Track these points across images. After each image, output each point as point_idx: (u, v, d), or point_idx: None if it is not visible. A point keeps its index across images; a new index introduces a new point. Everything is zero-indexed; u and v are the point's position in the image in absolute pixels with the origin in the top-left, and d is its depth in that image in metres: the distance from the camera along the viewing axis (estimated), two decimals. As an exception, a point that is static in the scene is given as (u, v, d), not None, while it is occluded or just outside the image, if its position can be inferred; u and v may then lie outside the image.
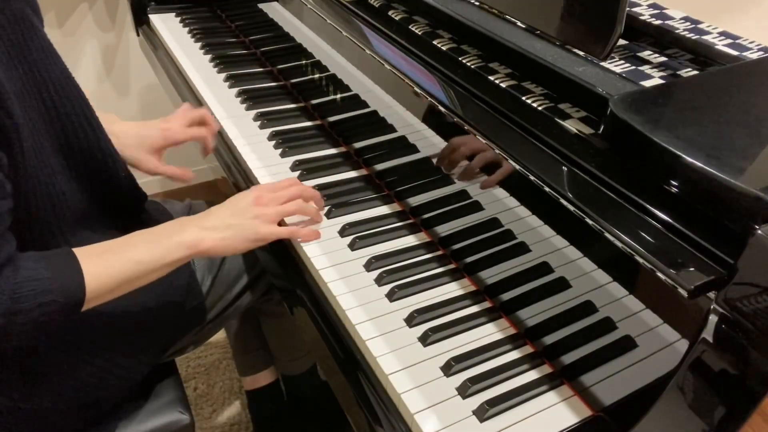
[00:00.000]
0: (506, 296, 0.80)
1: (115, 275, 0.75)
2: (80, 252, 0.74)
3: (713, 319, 0.53)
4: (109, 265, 0.75)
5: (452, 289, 0.84)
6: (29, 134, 0.75)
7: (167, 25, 1.55)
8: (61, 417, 0.87)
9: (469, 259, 0.86)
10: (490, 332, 0.78)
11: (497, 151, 0.75)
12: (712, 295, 0.54)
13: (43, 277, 0.69)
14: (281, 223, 0.91)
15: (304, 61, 1.27)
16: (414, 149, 0.96)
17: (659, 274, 0.56)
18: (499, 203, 0.81)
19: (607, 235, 0.61)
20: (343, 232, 0.92)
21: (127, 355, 0.91)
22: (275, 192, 0.90)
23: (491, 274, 0.82)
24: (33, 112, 0.77)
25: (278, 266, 0.95)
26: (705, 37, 0.83)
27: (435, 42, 0.93)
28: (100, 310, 0.86)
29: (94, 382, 0.87)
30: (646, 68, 0.79)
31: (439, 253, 0.89)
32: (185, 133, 1.07)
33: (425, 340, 0.76)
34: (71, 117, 0.85)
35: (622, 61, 0.80)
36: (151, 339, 0.94)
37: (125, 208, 0.95)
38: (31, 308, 0.67)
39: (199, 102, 1.29)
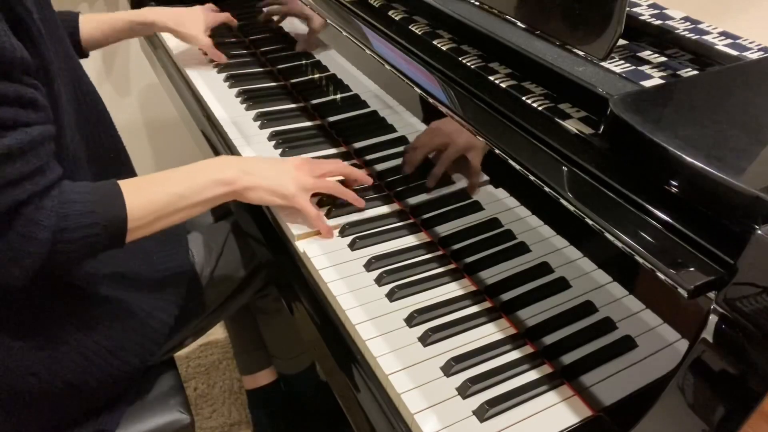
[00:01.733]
0: (506, 296, 0.80)
1: (157, 205, 0.80)
2: (123, 183, 0.79)
3: (713, 319, 0.53)
4: (151, 195, 0.80)
5: (452, 289, 0.84)
6: (61, 93, 0.80)
7: (167, 25, 1.55)
8: (62, 400, 0.87)
9: (469, 259, 0.86)
10: (490, 332, 0.78)
11: (497, 151, 0.75)
12: (712, 295, 0.54)
13: (88, 200, 0.75)
14: None
15: (304, 61, 1.27)
16: (414, 149, 0.96)
17: (659, 274, 0.56)
18: (499, 203, 0.81)
19: (607, 235, 0.61)
20: (343, 232, 0.92)
21: (130, 342, 0.91)
22: (318, 164, 0.94)
23: (491, 274, 0.82)
24: (64, 76, 0.83)
25: (278, 266, 0.95)
26: (705, 37, 0.82)
27: (435, 42, 0.93)
28: (101, 296, 0.88)
29: (98, 363, 0.88)
30: (646, 68, 0.79)
31: (439, 253, 0.89)
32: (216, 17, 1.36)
33: (425, 340, 0.76)
34: (89, 96, 0.93)
35: (622, 61, 0.80)
36: (153, 328, 0.94)
37: None
38: (76, 227, 0.73)
39: (198, 102, 1.29)
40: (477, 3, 0.95)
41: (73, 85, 0.89)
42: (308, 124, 1.20)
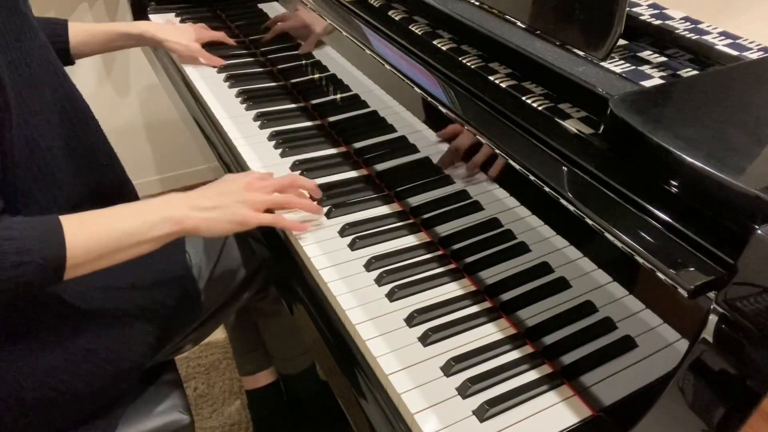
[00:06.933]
0: (506, 296, 0.80)
1: (100, 243, 0.76)
2: (66, 218, 0.75)
3: (713, 319, 0.53)
4: (94, 232, 0.76)
5: (452, 289, 0.84)
6: (26, 112, 0.78)
7: (167, 25, 1.55)
8: (58, 408, 0.87)
9: (469, 259, 0.86)
10: (490, 332, 0.78)
11: (497, 151, 0.75)
12: (712, 295, 0.54)
13: (24, 237, 0.70)
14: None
15: (304, 61, 1.27)
16: (414, 149, 0.96)
17: (659, 274, 0.56)
18: (499, 203, 0.81)
19: (607, 235, 0.61)
20: (343, 232, 0.92)
21: (124, 346, 0.90)
22: (266, 180, 0.92)
23: (491, 274, 0.82)
24: (46, 83, 0.81)
25: (278, 266, 0.95)
26: (705, 37, 0.83)
27: (435, 42, 0.93)
28: (95, 298, 0.87)
29: (94, 371, 0.87)
30: (646, 68, 0.79)
31: (439, 253, 0.89)
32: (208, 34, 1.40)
33: (425, 340, 0.76)
34: (75, 103, 0.91)
35: (622, 61, 0.80)
36: (148, 332, 0.94)
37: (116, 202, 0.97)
38: (8, 266, 0.68)
39: (198, 101, 1.29)
40: (477, 3, 0.95)
41: (56, 93, 0.87)
42: (308, 124, 1.20)
